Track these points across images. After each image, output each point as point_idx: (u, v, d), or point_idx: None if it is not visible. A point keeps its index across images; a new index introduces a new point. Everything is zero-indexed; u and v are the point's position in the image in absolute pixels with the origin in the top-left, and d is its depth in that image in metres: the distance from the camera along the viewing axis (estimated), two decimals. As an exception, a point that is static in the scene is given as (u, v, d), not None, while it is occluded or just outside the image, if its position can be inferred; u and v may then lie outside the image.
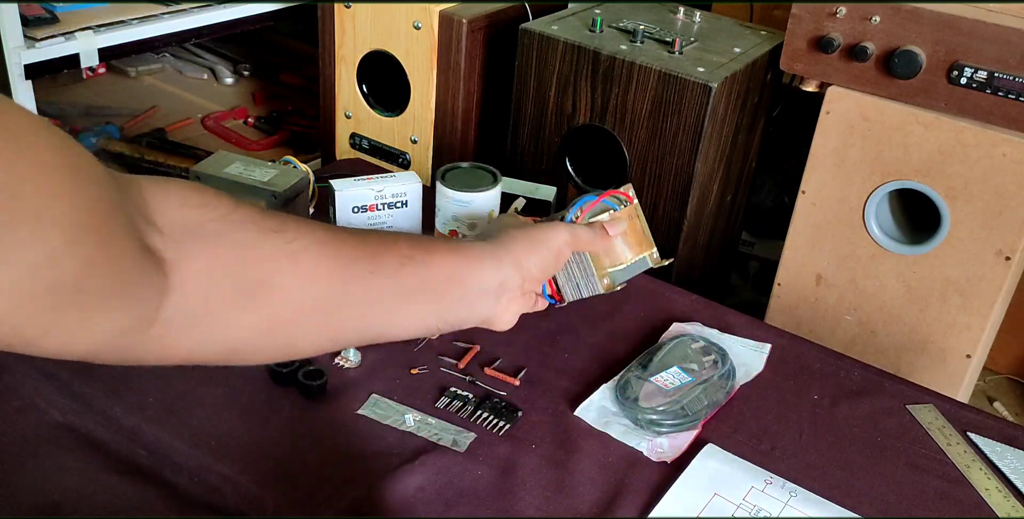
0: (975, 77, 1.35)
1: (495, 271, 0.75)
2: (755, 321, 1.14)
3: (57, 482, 0.85)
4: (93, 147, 2.14)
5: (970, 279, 1.45)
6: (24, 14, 1.61)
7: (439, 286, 0.70)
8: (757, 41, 1.62)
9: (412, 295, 0.68)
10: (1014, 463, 0.94)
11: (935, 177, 1.42)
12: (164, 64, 2.54)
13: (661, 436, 0.93)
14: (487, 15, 1.66)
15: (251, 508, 0.82)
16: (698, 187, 1.53)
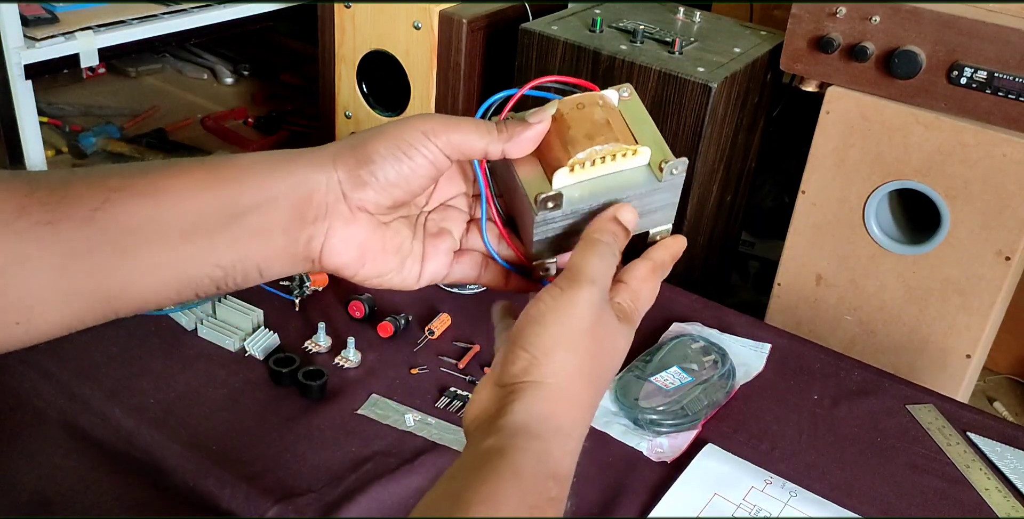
0: (975, 77, 1.35)
1: (291, 174, 0.51)
2: (755, 321, 1.14)
3: (51, 480, 0.85)
4: (93, 147, 2.14)
5: (970, 279, 1.44)
6: (24, 14, 1.61)
7: (178, 221, 0.49)
8: (757, 41, 1.62)
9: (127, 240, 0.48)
10: (1014, 463, 0.94)
11: (935, 177, 1.42)
12: (164, 64, 2.54)
13: (661, 436, 0.93)
14: (487, 15, 1.66)
15: (250, 509, 0.82)
16: (698, 187, 1.53)
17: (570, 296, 0.48)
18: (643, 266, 0.54)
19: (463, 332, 1.05)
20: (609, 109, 0.54)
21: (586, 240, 0.51)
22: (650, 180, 0.53)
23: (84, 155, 2.12)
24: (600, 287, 0.49)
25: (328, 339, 1.01)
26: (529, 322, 0.48)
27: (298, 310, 1.06)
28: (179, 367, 0.97)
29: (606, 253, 0.51)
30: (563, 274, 0.50)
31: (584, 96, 0.54)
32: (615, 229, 0.52)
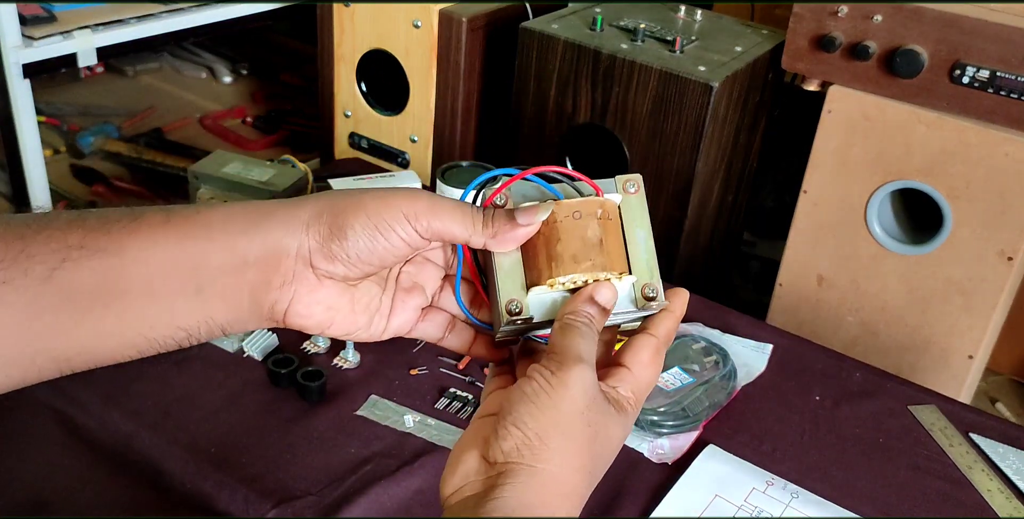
0: (977, 76, 1.34)
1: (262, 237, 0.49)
2: (756, 322, 1.13)
3: (49, 482, 0.85)
4: (91, 146, 2.13)
5: (972, 279, 1.44)
6: (22, 13, 1.61)
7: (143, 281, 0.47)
8: (758, 40, 1.62)
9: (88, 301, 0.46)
10: (1016, 464, 0.93)
11: (937, 177, 1.41)
12: (162, 63, 2.53)
13: (662, 437, 0.93)
14: (487, 14, 1.65)
15: (249, 511, 0.82)
16: (699, 187, 1.53)
17: (562, 378, 0.46)
18: (647, 347, 0.51)
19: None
20: (606, 222, 0.51)
21: (563, 324, 0.49)
22: (629, 303, 0.52)
23: (82, 154, 2.12)
24: (589, 366, 0.48)
25: (327, 339, 1.01)
26: (522, 400, 0.46)
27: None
28: (177, 368, 0.96)
29: (586, 334, 0.49)
30: (550, 355, 0.48)
31: (583, 203, 0.51)
32: (592, 312, 0.50)
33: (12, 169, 1.71)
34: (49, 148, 2.07)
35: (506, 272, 0.50)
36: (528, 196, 0.52)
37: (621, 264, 0.51)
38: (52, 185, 1.79)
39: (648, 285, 0.52)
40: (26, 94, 1.63)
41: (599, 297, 0.50)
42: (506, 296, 0.50)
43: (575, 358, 0.47)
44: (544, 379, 0.47)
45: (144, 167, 2.09)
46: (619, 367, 0.51)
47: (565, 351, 0.48)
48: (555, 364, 0.47)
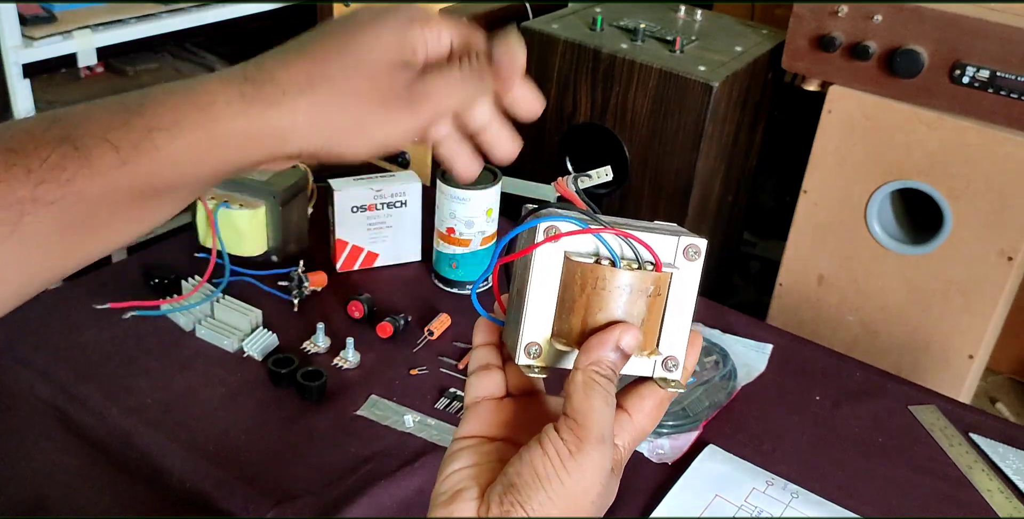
0: (977, 76, 1.34)
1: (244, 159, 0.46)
2: (756, 321, 1.13)
3: (48, 480, 0.84)
4: (91, 146, 2.13)
5: (972, 279, 1.44)
6: (22, 13, 1.61)
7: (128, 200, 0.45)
8: (758, 40, 1.62)
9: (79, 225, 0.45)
10: (1016, 464, 0.93)
11: (937, 177, 1.41)
12: (162, 63, 2.53)
13: (662, 437, 0.93)
14: (487, 14, 1.65)
15: (249, 510, 0.82)
16: (699, 186, 1.53)
17: (580, 462, 0.43)
18: (653, 396, 0.49)
19: (463, 332, 1.05)
20: (655, 298, 0.48)
21: (586, 378, 0.45)
22: (647, 370, 0.49)
23: (83, 154, 2.12)
24: (609, 445, 0.44)
25: (327, 339, 1.01)
26: (535, 482, 0.44)
27: (297, 310, 1.05)
28: (177, 367, 0.96)
29: (609, 396, 0.45)
30: (569, 422, 0.45)
31: (639, 277, 0.47)
32: (615, 359, 0.46)
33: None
34: (49, 148, 2.07)
35: (536, 311, 0.48)
36: (581, 242, 0.48)
37: (651, 343, 0.48)
38: (52, 185, 1.78)
39: (670, 358, 0.48)
40: (26, 94, 1.64)
41: (624, 344, 0.46)
42: (529, 337, 0.47)
43: (597, 438, 0.44)
44: (560, 460, 0.44)
45: (144, 167, 2.09)
46: (620, 412, 0.48)
47: (586, 424, 0.44)
48: (575, 441, 0.44)
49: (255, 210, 1.06)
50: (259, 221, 1.07)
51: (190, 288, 1.03)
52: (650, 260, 0.48)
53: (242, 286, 1.06)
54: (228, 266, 1.04)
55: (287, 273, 1.06)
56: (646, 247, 0.48)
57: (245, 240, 1.07)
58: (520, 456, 0.45)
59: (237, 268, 1.06)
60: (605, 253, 0.47)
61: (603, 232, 0.47)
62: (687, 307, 0.49)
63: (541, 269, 0.47)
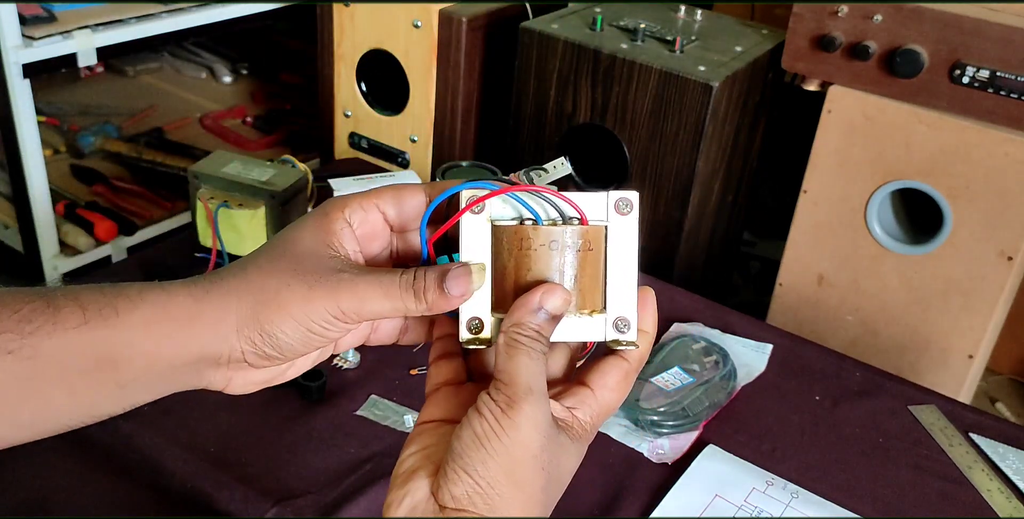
0: (977, 76, 1.34)
1: (190, 343, 0.47)
2: (756, 321, 1.13)
3: (47, 481, 0.84)
4: (91, 146, 2.13)
5: (972, 279, 1.44)
6: (22, 13, 1.61)
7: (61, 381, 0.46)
8: (758, 40, 1.62)
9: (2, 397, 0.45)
10: (1016, 464, 0.93)
11: (937, 177, 1.41)
12: (162, 63, 2.53)
13: (662, 437, 0.93)
14: (487, 14, 1.65)
15: (249, 510, 0.82)
16: (699, 187, 1.53)
17: (513, 418, 0.43)
18: (616, 370, 0.48)
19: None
20: (585, 253, 0.46)
21: (508, 341, 0.45)
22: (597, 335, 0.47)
23: (82, 154, 2.12)
24: (539, 396, 0.44)
25: (327, 339, 1.01)
26: (473, 443, 0.44)
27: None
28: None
29: (534, 353, 0.45)
30: (497, 384, 0.44)
31: (563, 232, 0.46)
32: (540, 322, 0.45)
33: (12, 169, 1.71)
34: (49, 148, 2.07)
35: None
36: (504, 208, 0.47)
37: (594, 302, 0.47)
38: (52, 185, 1.79)
39: (620, 319, 0.47)
40: (26, 94, 1.63)
41: (548, 304, 0.46)
42: (468, 312, 0.47)
43: (525, 391, 0.44)
44: (494, 418, 0.44)
45: (144, 167, 2.09)
46: (581, 387, 0.48)
47: (513, 380, 0.44)
48: (504, 399, 0.44)
49: (255, 210, 1.06)
50: (259, 221, 1.07)
51: (190, 288, 1.03)
52: (575, 216, 0.47)
53: (242, 286, 1.06)
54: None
55: (287, 273, 1.06)
56: (567, 201, 0.46)
57: (245, 240, 1.07)
58: (460, 424, 0.45)
59: (237, 268, 1.06)
60: (529, 215, 0.47)
61: (520, 190, 0.46)
62: (629, 263, 0.47)
63: (469, 241, 0.47)
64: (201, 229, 1.08)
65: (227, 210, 1.05)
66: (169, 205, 1.99)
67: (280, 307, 0.47)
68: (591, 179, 1.65)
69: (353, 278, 0.47)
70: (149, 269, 1.07)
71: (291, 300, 0.47)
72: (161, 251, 1.15)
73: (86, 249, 1.82)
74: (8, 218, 1.86)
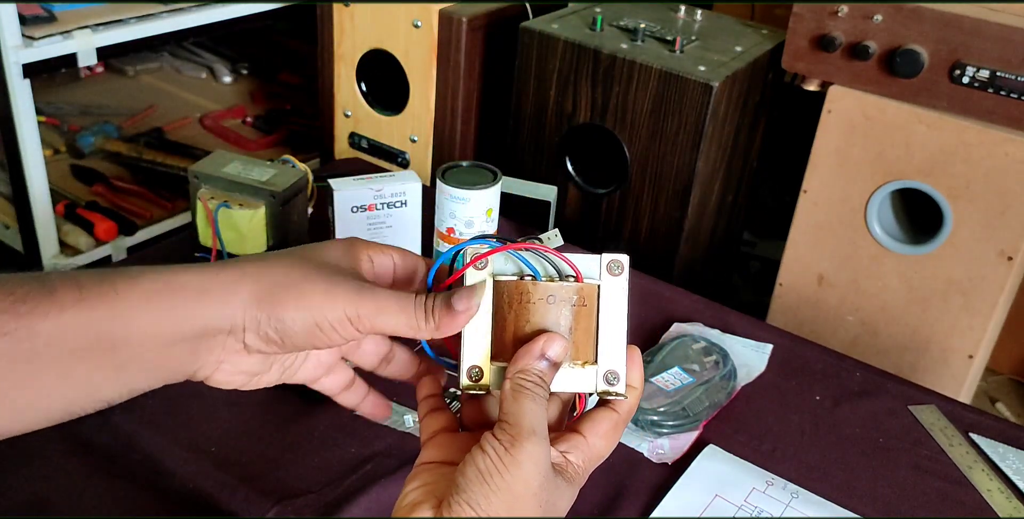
0: (977, 76, 1.34)
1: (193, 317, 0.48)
2: (756, 321, 1.13)
3: (49, 482, 0.84)
4: (91, 146, 2.13)
5: (972, 279, 1.44)
6: (22, 13, 1.60)
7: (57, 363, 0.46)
8: (758, 40, 1.62)
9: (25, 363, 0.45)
10: (1016, 464, 0.93)
11: (937, 177, 1.41)
12: (162, 63, 2.53)
13: (662, 437, 0.93)
14: (487, 14, 1.65)
15: (250, 510, 0.82)
16: (699, 187, 1.53)
17: (515, 457, 0.46)
18: (606, 420, 0.52)
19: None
20: (580, 309, 0.50)
21: (514, 386, 0.48)
22: (587, 387, 0.51)
23: (82, 154, 2.12)
24: (541, 437, 0.47)
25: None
26: (476, 478, 0.46)
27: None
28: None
29: (538, 397, 0.48)
30: (502, 425, 0.47)
31: (561, 288, 0.50)
32: (542, 368, 0.49)
33: (12, 169, 1.71)
34: (49, 148, 2.07)
35: (472, 337, 0.50)
36: (506, 265, 0.51)
37: (587, 354, 0.51)
38: (52, 185, 1.79)
39: (610, 372, 0.51)
40: (26, 94, 1.63)
41: (550, 352, 0.49)
42: (469, 361, 0.50)
43: (528, 432, 0.46)
44: (497, 456, 0.46)
45: (144, 167, 2.09)
46: (574, 434, 0.51)
47: (518, 422, 0.47)
48: (508, 438, 0.46)
49: (255, 210, 1.06)
50: (259, 221, 1.07)
51: (190, 288, 1.03)
52: (570, 273, 0.51)
53: (242, 286, 1.06)
54: (228, 266, 1.04)
55: (287, 273, 1.06)
56: (564, 260, 0.51)
57: (245, 240, 1.07)
58: (464, 461, 0.47)
59: (237, 268, 1.06)
60: (528, 271, 0.51)
61: (521, 248, 0.51)
62: (619, 320, 0.51)
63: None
64: (201, 229, 1.08)
65: (227, 210, 1.05)
66: (169, 205, 1.99)
67: (300, 295, 0.49)
68: (591, 179, 1.65)
69: (374, 289, 0.50)
70: (149, 269, 1.07)
71: (312, 291, 0.49)
72: (161, 251, 1.15)
73: (86, 249, 1.82)
74: (8, 218, 1.86)
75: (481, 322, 0.50)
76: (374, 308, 0.49)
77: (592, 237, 1.64)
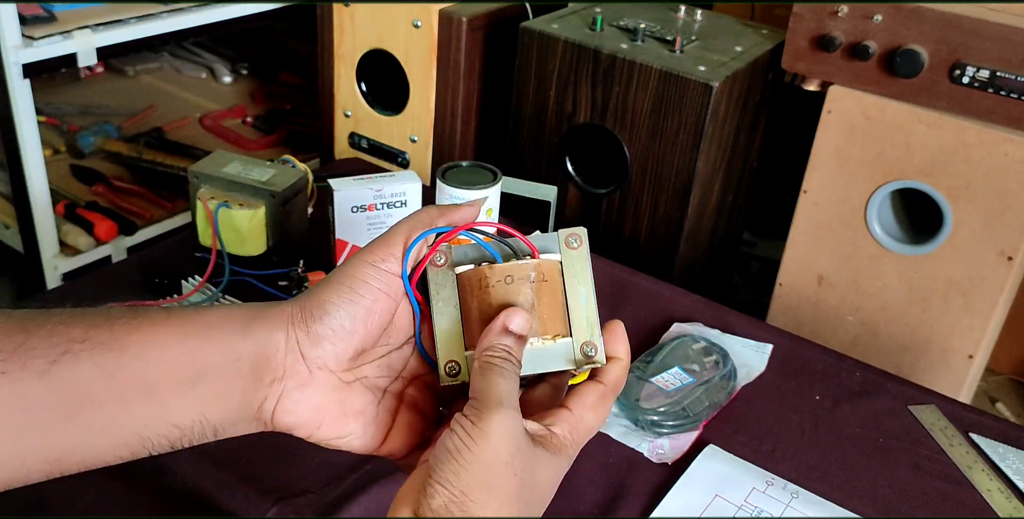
0: (977, 76, 1.34)
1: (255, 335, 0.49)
2: (756, 321, 1.13)
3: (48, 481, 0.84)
4: (91, 146, 2.13)
5: (972, 279, 1.44)
6: (22, 13, 1.61)
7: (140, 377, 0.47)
8: (758, 40, 1.62)
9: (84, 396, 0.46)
10: (1016, 464, 0.93)
11: (937, 177, 1.41)
12: (162, 63, 2.53)
13: (662, 437, 0.93)
14: (487, 14, 1.65)
15: (250, 509, 0.82)
16: (699, 187, 1.53)
17: (482, 428, 0.45)
18: (593, 392, 0.51)
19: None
20: (541, 284, 0.50)
21: (481, 363, 0.48)
22: (566, 363, 0.51)
23: (82, 154, 2.12)
24: (510, 409, 0.46)
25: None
26: (445, 456, 0.45)
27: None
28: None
29: (505, 371, 0.48)
30: (471, 401, 0.47)
31: (516, 267, 0.50)
32: (508, 343, 0.49)
33: (12, 169, 1.71)
34: (49, 148, 2.07)
35: (444, 332, 0.51)
36: (466, 254, 0.52)
37: (555, 327, 0.50)
38: (52, 185, 1.79)
39: (587, 344, 0.51)
40: (26, 94, 1.63)
41: (513, 326, 0.49)
42: (445, 357, 0.51)
43: (495, 403, 0.46)
44: (465, 432, 0.45)
45: (144, 167, 2.09)
46: (560, 409, 0.50)
47: (485, 396, 0.46)
48: (475, 413, 0.46)
49: (255, 210, 1.06)
50: (259, 221, 1.07)
51: (190, 288, 1.03)
52: (527, 252, 0.51)
53: (242, 286, 1.06)
54: (228, 266, 1.04)
55: (287, 273, 1.06)
56: (519, 237, 0.51)
57: (245, 240, 1.07)
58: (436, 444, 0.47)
59: (237, 268, 1.06)
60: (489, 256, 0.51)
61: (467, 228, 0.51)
62: (587, 292, 0.51)
63: (438, 292, 0.51)
64: (201, 229, 1.08)
65: (227, 210, 1.05)
66: (169, 205, 1.99)
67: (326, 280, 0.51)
68: (591, 179, 1.65)
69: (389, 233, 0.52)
70: (149, 269, 1.07)
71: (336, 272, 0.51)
72: (161, 251, 1.15)
73: (86, 249, 1.82)
74: (8, 218, 1.86)
75: (450, 317, 0.51)
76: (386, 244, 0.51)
77: (592, 237, 1.64)
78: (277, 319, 0.50)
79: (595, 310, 0.51)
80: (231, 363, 0.49)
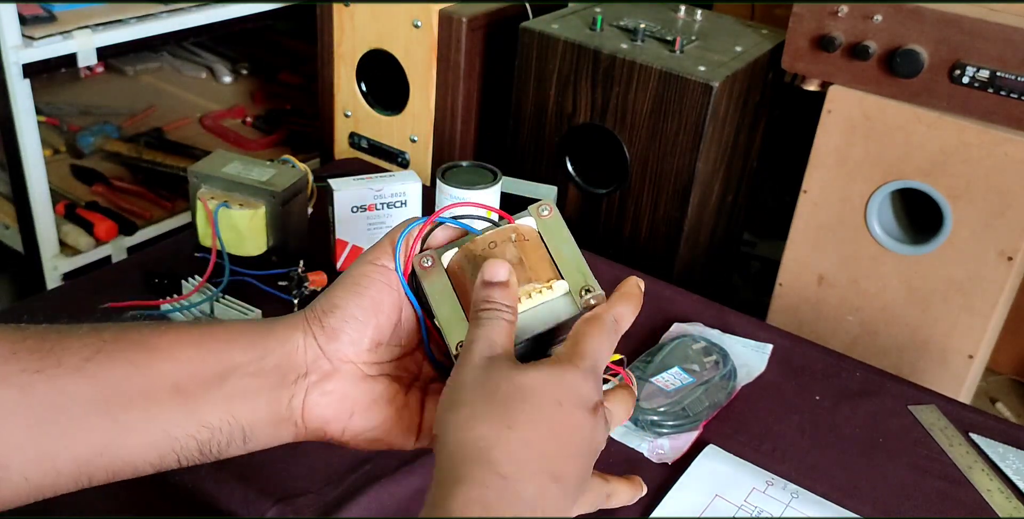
0: (977, 76, 1.34)
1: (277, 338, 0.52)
2: (756, 321, 1.13)
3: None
4: (91, 146, 2.13)
5: (972, 279, 1.44)
6: (22, 13, 1.61)
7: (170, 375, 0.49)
8: (758, 40, 1.62)
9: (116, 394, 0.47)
10: (1016, 464, 0.93)
11: (937, 177, 1.41)
12: (162, 63, 2.53)
13: (662, 437, 0.93)
14: (487, 14, 1.65)
15: (249, 509, 0.82)
16: (699, 187, 1.53)
17: (457, 366, 0.49)
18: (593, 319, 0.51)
19: (463, 332, 1.05)
20: (523, 243, 0.52)
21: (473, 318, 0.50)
22: (571, 308, 0.52)
23: (82, 154, 2.12)
24: (485, 342, 0.48)
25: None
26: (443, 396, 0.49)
27: (297, 310, 1.05)
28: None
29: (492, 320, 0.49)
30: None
31: (496, 233, 0.53)
32: (490, 293, 0.50)
33: (12, 169, 1.71)
34: (49, 148, 2.07)
35: (447, 318, 0.52)
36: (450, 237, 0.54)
37: (547, 273, 0.52)
38: (52, 185, 1.79)
39: (584, 285, 0.52)
40: (26, 94, 1.63)
41: (487, 276, 0.50)
42: (453, 340, 0.51)
43: (469, 342, 0.49)
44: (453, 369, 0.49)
45: (144, 167, 2.09)
46: None
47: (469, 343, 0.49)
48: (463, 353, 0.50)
49: (255, 210, 1.06)
50: (259, 221, 1.07)
51: (190, 288, 1.03)
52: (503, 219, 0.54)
53: (242, 286, 1.06)
54: (228, 266, 1.04)
55: (287, 273, 1.06)
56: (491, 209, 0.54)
57: (245, 240, 1.07)
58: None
59: (237, 268, 1.06)
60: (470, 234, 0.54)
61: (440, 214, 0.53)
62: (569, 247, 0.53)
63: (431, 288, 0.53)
64: (201, 229, 1.08)
65: (227, 210, 1.05)
66: (169, 205, 1.99)
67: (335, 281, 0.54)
68: (591, 179, 1.65)
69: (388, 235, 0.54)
70: (149, 269, 1.07)
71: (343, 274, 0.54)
72: (161, 251, 1.15)
73: (86, 249, 1.82)
74: (8, 218, 1.86)
75: (449, 304, 0.52)
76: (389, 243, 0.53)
77: (592, 237, 1.64)
78: (293, 322, 0.52)
79: (583, 260, 0.53)
80: (255, 362, 0.51)
